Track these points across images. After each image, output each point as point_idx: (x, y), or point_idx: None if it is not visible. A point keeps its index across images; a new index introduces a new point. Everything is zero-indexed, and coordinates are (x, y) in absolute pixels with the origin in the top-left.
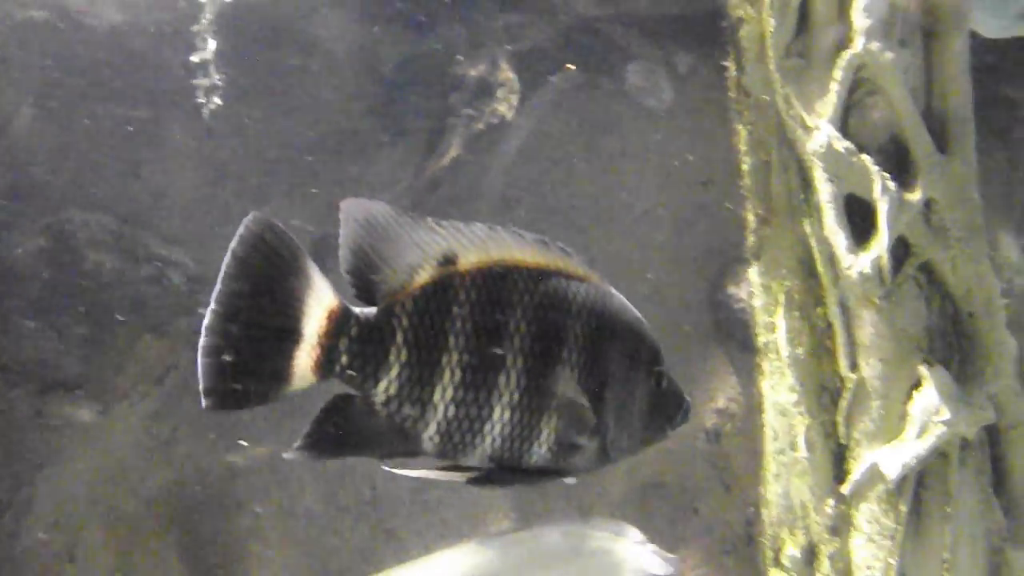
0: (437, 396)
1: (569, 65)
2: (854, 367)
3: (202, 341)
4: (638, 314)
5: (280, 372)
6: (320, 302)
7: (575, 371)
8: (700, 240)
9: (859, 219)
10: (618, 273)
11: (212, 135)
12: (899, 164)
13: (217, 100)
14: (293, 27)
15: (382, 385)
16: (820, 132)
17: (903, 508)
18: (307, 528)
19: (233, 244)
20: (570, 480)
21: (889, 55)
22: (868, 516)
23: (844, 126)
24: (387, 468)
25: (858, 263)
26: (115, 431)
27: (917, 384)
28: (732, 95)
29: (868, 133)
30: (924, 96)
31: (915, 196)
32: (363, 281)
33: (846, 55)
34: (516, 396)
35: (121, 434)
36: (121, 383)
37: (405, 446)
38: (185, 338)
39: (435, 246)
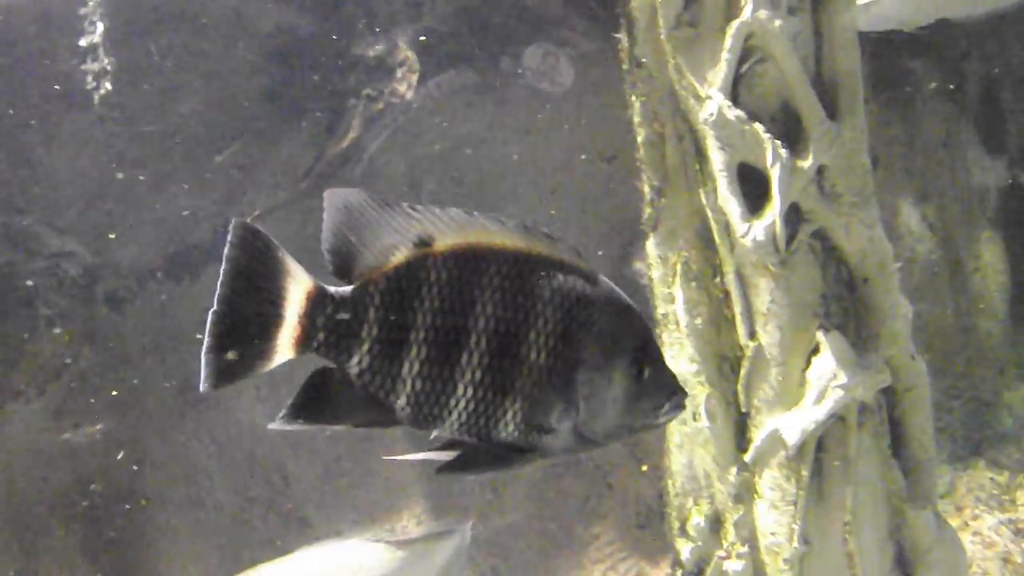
0: (405, 370)
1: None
2: (752, 335)
3: (208, 339)
4: (626, 303)
5: (264, 351)
6: (298, 286)
7: (542, 354)
8: (606, 216)
9: (753, 187)
10: None
11: (104, 121)
12: (791, 131)
13: (108, 85)
14: (185, 8)
15: (355, 359)
16: (711, 101)
17: (804, 473)
18: (217, 520)
19: (226, 250)
20: (543, 461)
21: (777, 23)
22: (770, 483)
23: (735, 95)
24: (386, 457)
25: (752, 231)
26: (11, 430)
27: (815, 350)
28: (625, 67)
29: (759, 101)
30: (814, 63)
31: (807, 163)
32: (342, 262)
33: (735, 23)
34: (479, 374)
35: (18, 433)
36: (15, 380)
37: (380, 416)
38: (84, 332)
39: (410, 229)
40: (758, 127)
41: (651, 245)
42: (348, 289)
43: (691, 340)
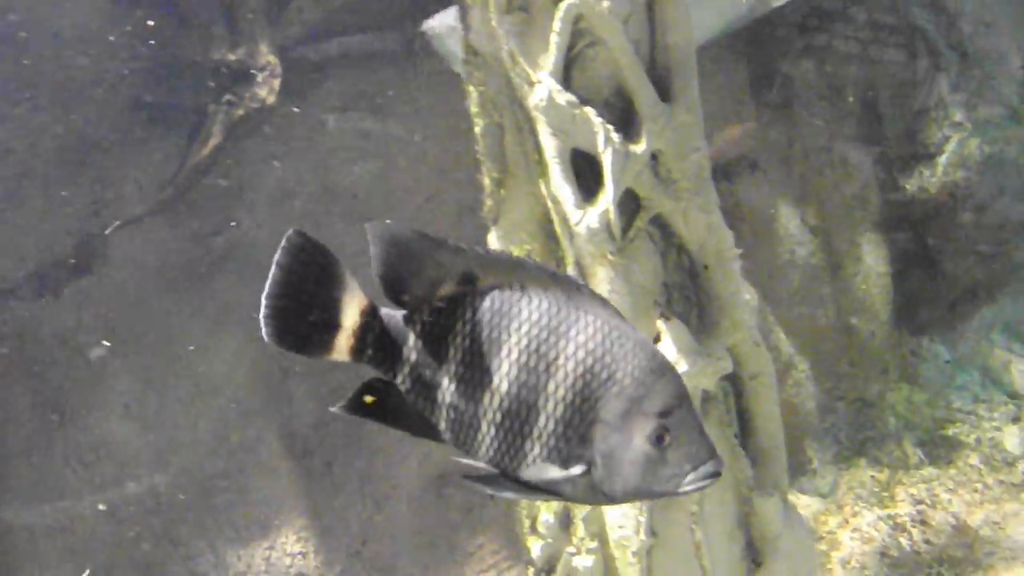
0: (439, 398)
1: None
2: None
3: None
4: (657, 364)
5: (326, 345)
6: (353, 300)
7: (559, 407)
8: (483, 224)
9: (589, 175)
10: None
11: None
12: (625, 117)
13: None
14: (43, 18)
15: (400, 378)
16: (541, 86)
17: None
18: (86, 543)
19: (277, 256)
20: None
21: (606, 4)
22: None
23: (568, 79)
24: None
25: (586, 218)
26: None
27: (656, 339)
28: (463, 56)
29: (592, 86)
30: (648, 47)
31: (640, 147)
32: (393, 289)
33: (563, 6)
34: (499, 416)
35: None
36: None
37: (428, 432)
38: None
39: (456, 266)
40: (589, 111)
41: (493, 239)
42: (399, 313)
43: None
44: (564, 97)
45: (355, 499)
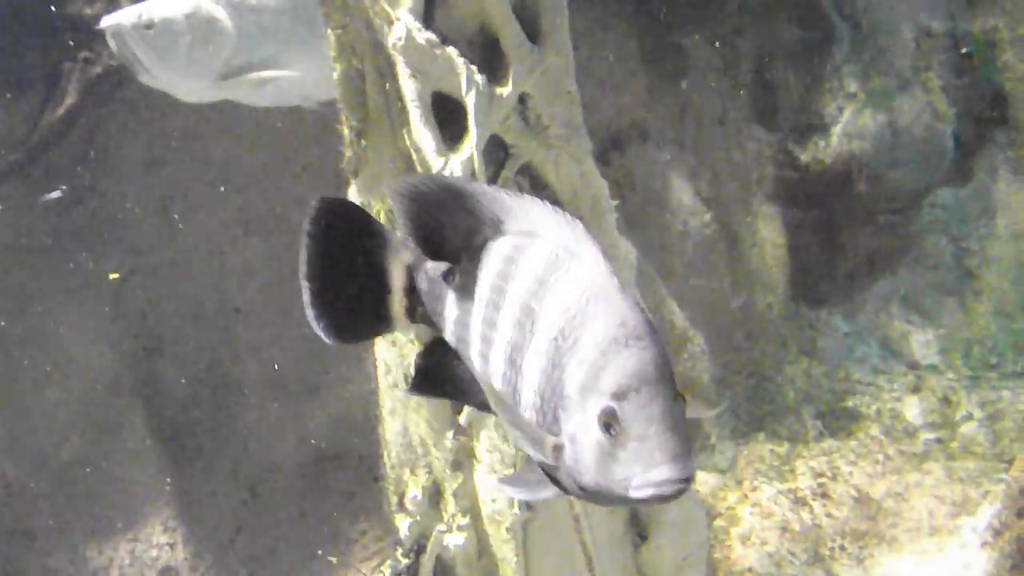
0: (470, 356)
1: None
2: None
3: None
4: (626, 328)
5: (382, 316)
6: (398, 258)
7: (536, 372)
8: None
9: (453, 122)
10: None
11: None
12: (491, 58)
13: None
14: None
15: (447, 333)
16: (399, 23)
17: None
18: None
19: (305, 224)
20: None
21: None
22: (488, 445)
23: (429, 18)
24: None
25: (449, 165)
26: None
27: None
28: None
29: (455, 25)
30: None
31: (506, 90)
32: (429, 245)
33: None
34: (498, 380)
35: None
36: None
37: (480, 398)
38: None
39: (485, 212)
40: (451, 51)
41: (354, 192)
42: (442, 265)
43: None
44: (424, 36)
45: (228, 485)
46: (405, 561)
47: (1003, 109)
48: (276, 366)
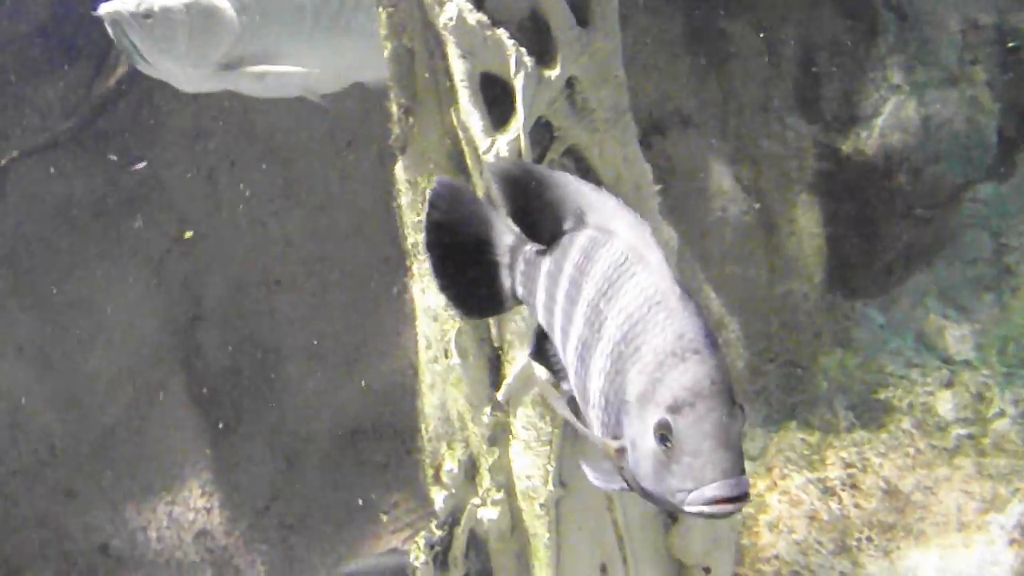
0: (555, 336)
1: None
2: None
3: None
4: (684, 341)
5: (494, 294)
6: (503, 238)
7: (602, 376)
8: None
9: (502, 103)
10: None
11: None
12: (540, 41)
13: None
14: None
15: (539, 316)
16: (451, 4)
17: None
18: None
19: (426, 202)
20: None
21: None
22: (525, 422)
23: (480, 0)
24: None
25: (496, 146)
26: None
27: None
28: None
29: (506, 7)
30: None
31: (555, 72)
32: (524, 228)
33: None
34: (572, 375)
35: None
36: None
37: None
38: None
39: (570, 202)
40: (501, 33)
41: (400, 169)
42: (536, 248)
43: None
44: (475, 17)
45: (264, 454)
46: (439, 533)
47: None
48: (315, 339)
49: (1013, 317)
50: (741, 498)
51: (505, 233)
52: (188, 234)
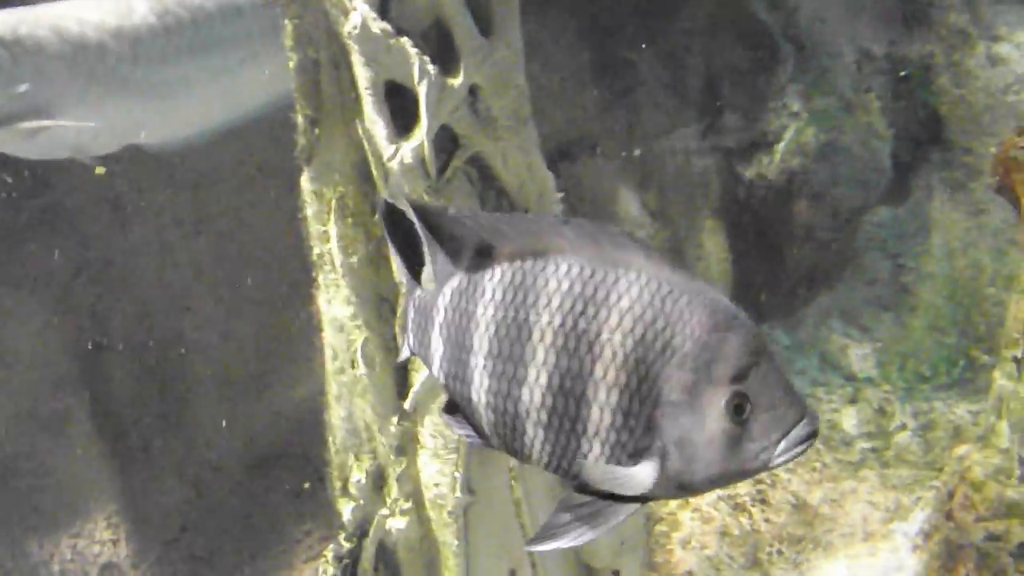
0: (475, 397)
1: None
2: None
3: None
4: (721, 315)
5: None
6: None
7: (612, 393)
8: None
9: (405, 112)
10: None
11: None
12: (444, 51)
13: None
14: None
15: (435, 371)
16: (355, 13)
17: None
18: None
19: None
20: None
21: None
22: (432, 430)
23: (384, 9)
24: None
25: (400, 153)
26: None
27: None
28: None
29: (410, 17)
30: None
31: (457, 81)
32: (415, 270)
33: None
34: (544, 416)
35: None
36: None
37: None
38: None
39: (472, 236)
40: (405, 41)
41: (305, 180)
42: (427, 293)
43: (347, 281)
44: (379, 25)
45: (173, 483)
46: (347, 545)
47: (938, 131)
48: (224, 366)
49: (911, 335)
50: (817, 430)
51: (405, 277)
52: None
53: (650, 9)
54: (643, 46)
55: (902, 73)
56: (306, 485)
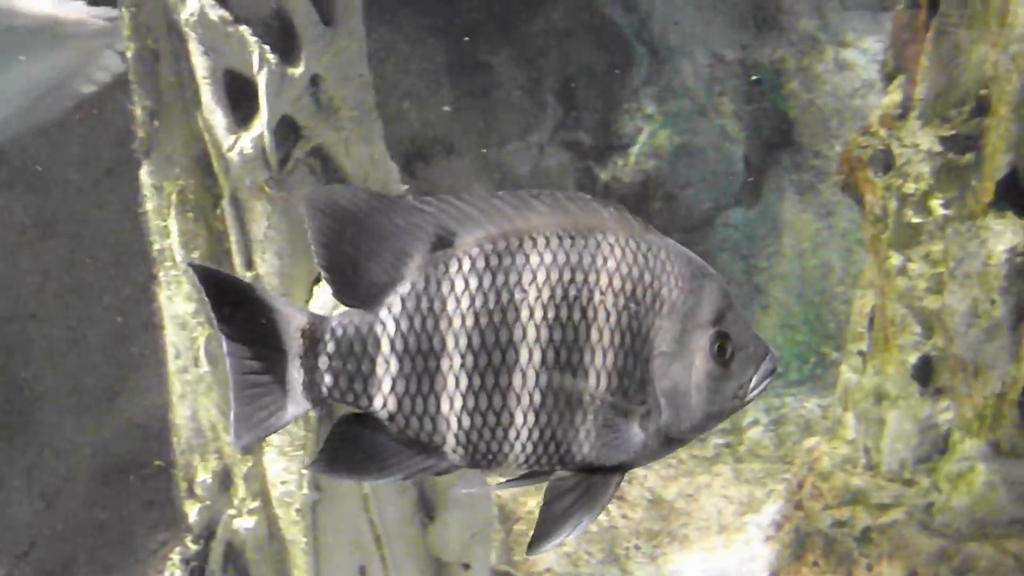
0: (446, 407)
1: None
2: (250, 265)
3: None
4: (696, 264)
5: (278, 401)
6: (290, 322)
7: (608, 355)
8: None
9: (246, 103)
10: None
11: None
12: (284, 39)
13: None
14: None
15: (377, 402)
16: (193, 0)
17: (312, 414)
18: None
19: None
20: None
21: None
22: None
23: None
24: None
25: (239, 143)
26: None
27: (317, 279)
28: None
29: (249, 4)
30: None
31: (299, 70)
32: (344, 281)
33: None
34: (537, 396)
35: None
36: None
37: (431, 463)
38: None
39: (424, 226)
40: (244, 30)
41: (144, 173)
42: (355, 317)
43: (188, 276)
44: (217, 13)
45: (22, 495)
46: (195, 547)
47: (789, 134)
48: (73, 373)
49: (764, 333)
50: (778, 366)
51: (291, 315)
52: None
53: (506, 11)
54: (499, 48)
55: (754, 77)
56: (160, 494)
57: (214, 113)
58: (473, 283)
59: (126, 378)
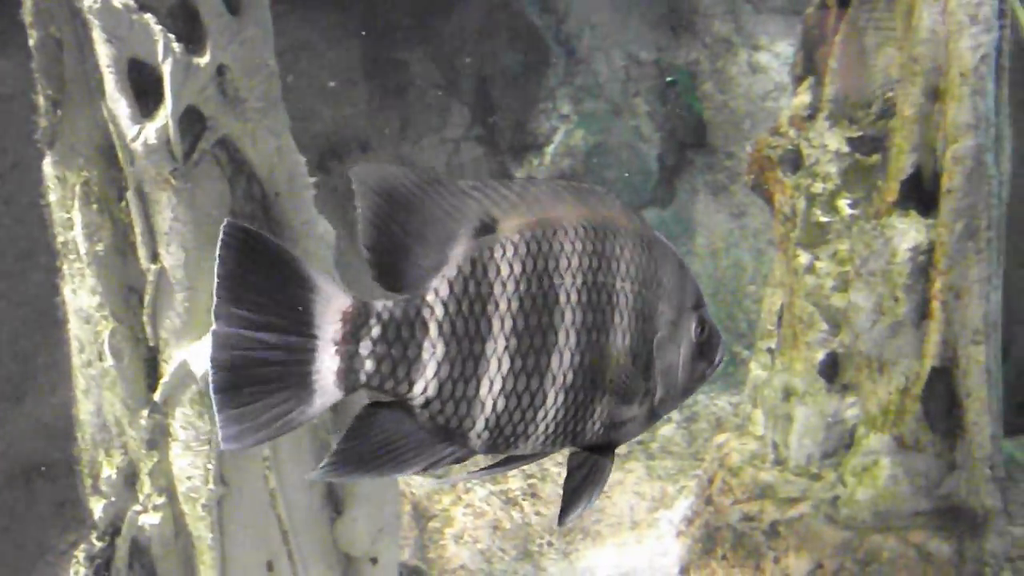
0: (485, 390)
1: None
2: (155, 258)
3: (212, 376)
4: (678, 254)
5: (300, 392)
6: (329, 304)
7: (627, 336)
8: None
9: (151, 93)
10: None
11: None
12: (190, 29)
13: None
14: None
15: (418, 387)
16: None
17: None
18: None
19: (218, 263)
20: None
21: None
22: (183, 422)
23: None
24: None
25: (144, 134)
26: None
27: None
28: None
29: None
30: None
31: (204, 60)
32: (389, 264)
33: None
34: (570, 377)
35: None
36: None
37: (451, 451)
38: None
39: (468, 211)
40: (148, 18)
41: (48, 164)
42: (401, 301)
43: (92, 269)
44: (120, 1)
45: None
46: (100, 544)
47: (702, 135)
48: None
49: None
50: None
51: (331, 295)
52: None
53: (423, 10)
54: (416, 46)
55: (669, 79)
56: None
57: (118, 103)
58: (518, 268)
59: (34, 376)
